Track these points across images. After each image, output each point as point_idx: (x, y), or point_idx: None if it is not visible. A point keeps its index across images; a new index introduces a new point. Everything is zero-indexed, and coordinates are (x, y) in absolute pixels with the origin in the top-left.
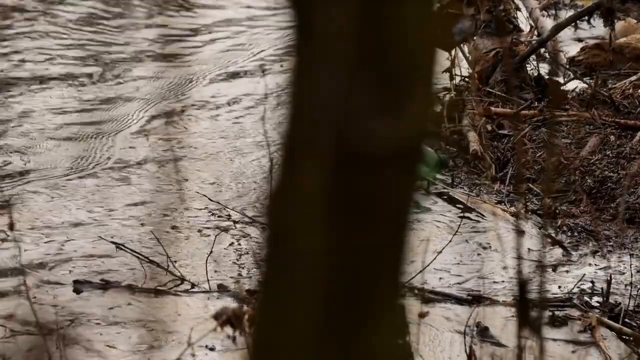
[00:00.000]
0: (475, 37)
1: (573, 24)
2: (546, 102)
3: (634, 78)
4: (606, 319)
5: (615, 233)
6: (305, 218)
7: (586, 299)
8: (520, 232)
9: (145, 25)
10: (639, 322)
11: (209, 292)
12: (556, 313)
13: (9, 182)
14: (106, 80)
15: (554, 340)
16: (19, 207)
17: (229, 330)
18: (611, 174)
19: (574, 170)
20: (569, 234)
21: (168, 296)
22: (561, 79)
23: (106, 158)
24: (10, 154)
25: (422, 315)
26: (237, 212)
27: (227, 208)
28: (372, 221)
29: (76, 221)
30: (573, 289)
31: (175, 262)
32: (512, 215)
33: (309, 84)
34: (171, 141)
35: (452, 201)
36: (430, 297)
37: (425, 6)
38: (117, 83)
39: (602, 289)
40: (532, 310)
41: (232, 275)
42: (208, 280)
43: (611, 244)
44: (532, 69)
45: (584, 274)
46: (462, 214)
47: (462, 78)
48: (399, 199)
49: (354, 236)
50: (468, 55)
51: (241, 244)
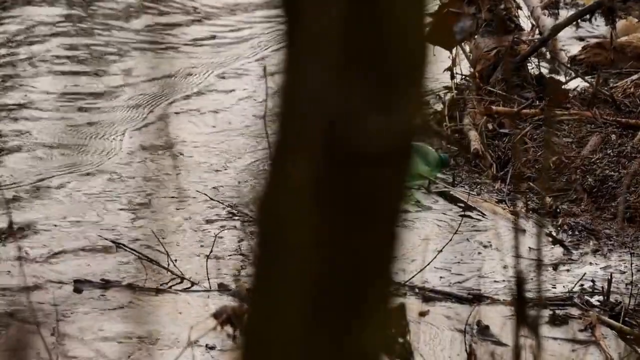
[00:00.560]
0: (476, 36)
1: (574, 22)
2: (545, 101)
3: (635, 77)
4: (607, 318)
5: (616, 232)
6: (295, 212)
7: (587, 297)
8: (519, 231)
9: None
10: (639, 321)
11: (209, 291)
12: (557, 312)
13: (6, 179)
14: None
15: (555, 339)
16: (17, 206)
17: (229, 329)
18: (612, 173)
19: (575, 169)
20: (570, 232)
21: (168, 295)
22: (562, 78)
23: (105, 156)
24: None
25: (422, 313)
26: (237, 211)
27: (227, 206)
28: (362, 217)
29: (75, 220)
30: (574, 287)
31: (176, 260)
32: (512, 214)
33: (299, 78)
34: (170, 138)
35: (452, 200)
36: (430, 295)
37: (418, 2)
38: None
39: (602, 287)
40: (530, 308)
41: (232, 274)
42: (208, 279)
43: (612, 242)
44: (533, 68)
45: (585, 273)
46: (462, 213)
47: (463, 77)
48: (389, 195)
49: (344, 231)
50: (469, 54)
51: (242, 243)
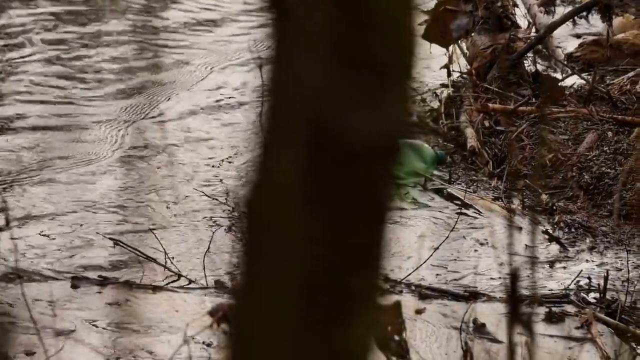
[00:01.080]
0: (472, 34)
1: (571, 20)
2: (540, 98)
3: (631, 74)
4: (603, 315)
5: (612, 229)
6: (283, 208)
7: (583, 295)
8: (514, 228)
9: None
10: (635, 318)
11: (206, 288)
12: (553, 309)
13: (1, 177)
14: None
15: (551, 336)
16: (14, 202)
17: (225, 326)
18: (608, 170)
19: (571, 167)
20: (566, 230)
21: (165, 292)
22: (559, 75)
23: (103, 153)
24: None
25: (418, 311)
26: (235, 208)
27: (225, 204)
28: (350, 213)
29: (72, 218)
30: (570, 285)
31: (173, 258)
32: (508, 212)
33: (287, 75)
34: (166, 134)
35: (449, 197)
36: (426, 293)
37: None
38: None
39: (598, 285)
40: (523, 305)
41: (229, 271)
42: (205, 276)
43: (608, 240)
44: (529, 65)
45: (581, 270)
46: (459, 210)
47: (460, 74)
48: (377, 192)
49: (333, 227)
50: (466, 51)
51: (239, 240)
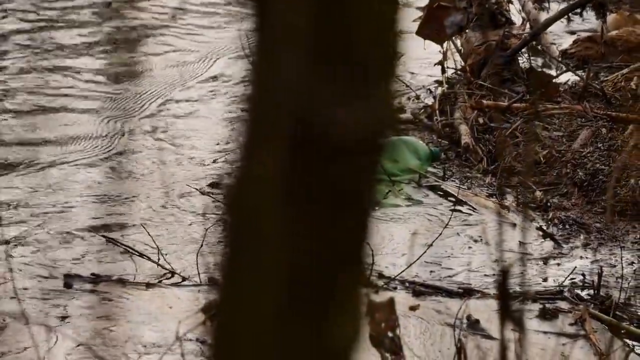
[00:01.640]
0: (467, 30)
1: (565, 16)
2: (533, 95)
3: (625, 71)
4: (597, 312)
5: (606, 226)
6: (266, 202)
7: (577, 291)
8: (507, 225)
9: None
10: (629, 314)
11: (199, 285)
12: (547, 306)
13: None
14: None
15: (545, 332)
16: (5, 200)
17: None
18: (602, 166)
19: (566, 163)
20: (560, 226)
21: (158, 289)
22: (553, 72)
23: (100, 150)
24: None
25: (412, 308)
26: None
27: (218, 200)
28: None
29: (67, 215)
30: (564, 281)
31: (166, 255)
32: (502, 208)
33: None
34: (157, 128)
35: (443, 194)
36: (420, 290)
37: None
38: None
39: (592, 281)
40: (515, 302)
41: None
42: (199, 273)
43: (602, 236)
44: (524, 62)
45: (575, 267)
46: (453, 207)
47: (454, 71)
48: (360, 186)
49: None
50: (460, 48)
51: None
